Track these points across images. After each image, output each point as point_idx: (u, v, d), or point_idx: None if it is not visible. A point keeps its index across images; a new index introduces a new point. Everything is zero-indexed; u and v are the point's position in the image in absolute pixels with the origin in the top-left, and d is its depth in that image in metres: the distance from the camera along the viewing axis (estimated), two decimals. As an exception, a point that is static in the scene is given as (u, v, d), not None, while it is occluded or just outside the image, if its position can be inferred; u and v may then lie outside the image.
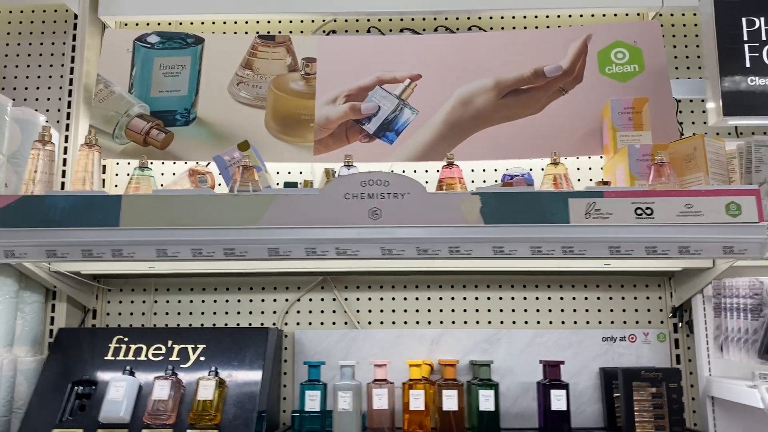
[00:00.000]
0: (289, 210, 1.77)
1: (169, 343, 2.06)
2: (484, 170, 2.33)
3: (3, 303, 2.00)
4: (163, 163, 2.39)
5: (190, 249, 1.75)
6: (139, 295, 2.40)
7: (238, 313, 2.38)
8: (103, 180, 2.36)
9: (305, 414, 2.05)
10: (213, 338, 2.07)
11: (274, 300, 2.39)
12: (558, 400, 2.02)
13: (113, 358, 2.03)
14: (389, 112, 2.33)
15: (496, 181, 2.28)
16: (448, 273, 2.35)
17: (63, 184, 2.28)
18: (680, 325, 2.28)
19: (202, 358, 2.02)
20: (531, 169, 2.19)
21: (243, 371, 1.99)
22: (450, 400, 2.03)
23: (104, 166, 2.36)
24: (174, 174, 2.35)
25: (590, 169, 2.34)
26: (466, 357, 2.26)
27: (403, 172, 2.34)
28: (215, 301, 2.39)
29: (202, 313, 2.38)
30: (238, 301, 2.39)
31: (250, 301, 2.39)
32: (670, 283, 2.33)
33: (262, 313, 2.38)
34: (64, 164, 2.32)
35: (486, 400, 2.04)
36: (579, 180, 2.32)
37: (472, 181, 2.32)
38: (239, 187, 1.85)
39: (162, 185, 2.26)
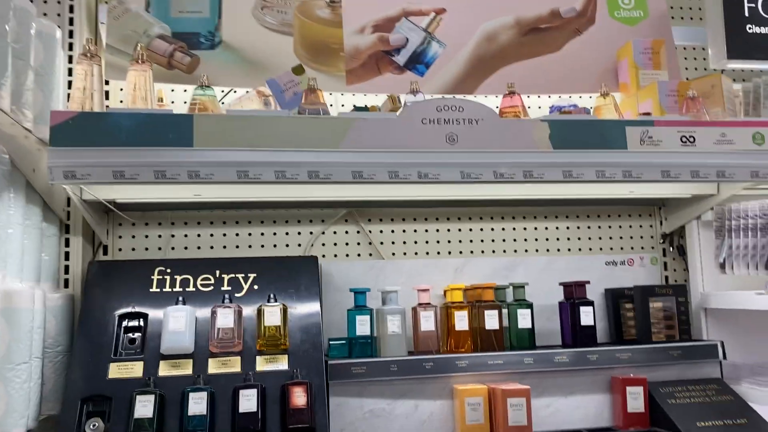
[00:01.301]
0: (369, 134, 1.78)
1: (218, 273, 2.00)
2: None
3: (32, 234, 1.83)
4: (185, 90, 2.25)
5: (274, 171, 1.71)
6: (154, 230, 2.28)
7: (262, 246, 2.34)
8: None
9: (356, 339, 2.08)
10: (263, 267, 2.03)
11: (298, 233, 2.37)
12: (586, 316, 2.21)
13: (159, 290, 1.94)
14: (417, 44, 2.34)
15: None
16: (467, 204, 2.45)
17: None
18: (671, 249, 2.56)
19: (255, 287, 1.98)
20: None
21: (300, 298, 1.98)
22: (492, 320, 2.15)
23: (121, 88, 2.18)
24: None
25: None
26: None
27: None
28: (237, 234, 2.33)
29: (224, 247, 2.31)
30: (262, 234, 2.34)
31: (274, 234, 2.35)
32: (660, 212, 2.59)
33: (287, 246, 2.35)
34: (69, 86, 2.11)
35: (524, 318, 2.19)
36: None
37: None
38: (309, 110, 1.81)
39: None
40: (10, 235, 1.65)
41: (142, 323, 1.87)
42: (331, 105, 2.39)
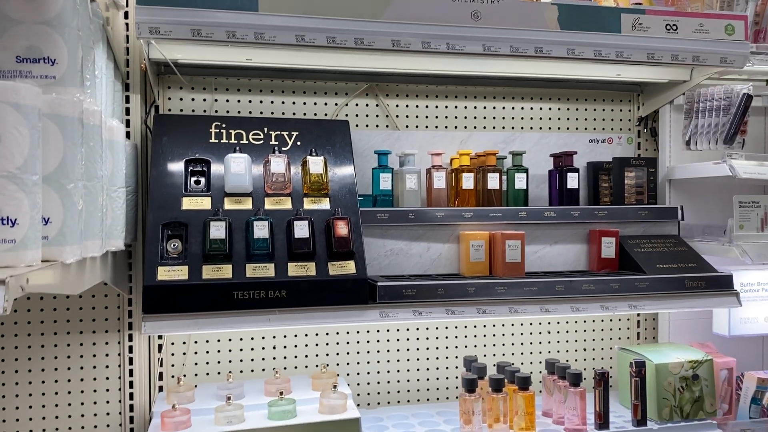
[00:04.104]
0: (406, 7, 2.06)
1: (266, 129, 2.31)
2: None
3: (109, 87, 2.10)
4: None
5: (326, 36, 2.00)
6: (199, 94, 2.56)
7: (294, 114, 2.64)
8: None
9: (379, 194, 2.45)
10: (303, 127, 2.35)
11: (325, 104, 2.68)
12: (572, 180, 2.62)
13: (217, 141, 2.25)
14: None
15: None
16: (473, 83, 2.77)
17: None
18: (644, 131, 2.95)
19: (298, 143, 2.31)
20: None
21: (336, 154, 2.32)
22: (493, 181, 2.54)
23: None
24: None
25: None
26: (487, 154, 2.76)
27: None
28: (272, 102, 2.62)
29: (261, 113, 2.61)
30: (293, 103, 2.64)
31: (304, 104, 2.65)
32: (638, 99, 2.96)
33: (315, 115, 2.67)
34: (125, -43, 2.32)
35: (520, 181, 2.58)
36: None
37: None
38: (354, -15, 2.08)
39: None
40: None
41: (205, 168, 2.19)
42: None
